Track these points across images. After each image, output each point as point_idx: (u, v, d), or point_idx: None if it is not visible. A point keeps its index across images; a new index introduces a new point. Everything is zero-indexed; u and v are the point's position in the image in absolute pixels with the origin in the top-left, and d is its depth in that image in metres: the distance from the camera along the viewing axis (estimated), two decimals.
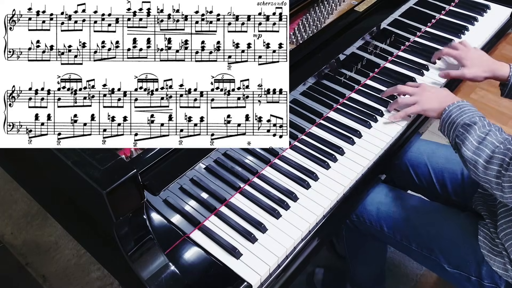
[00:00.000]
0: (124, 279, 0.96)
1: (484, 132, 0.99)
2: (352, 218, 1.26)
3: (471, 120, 1.02)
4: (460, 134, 1.02)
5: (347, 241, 1.41)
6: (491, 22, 1.56)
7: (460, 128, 1.03)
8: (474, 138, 0.99)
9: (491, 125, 1.01)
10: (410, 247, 1.18)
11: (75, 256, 1.75)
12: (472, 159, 0.97)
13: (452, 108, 1.08)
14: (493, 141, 0.96)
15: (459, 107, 1.07)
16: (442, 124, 1.09)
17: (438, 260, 1.13)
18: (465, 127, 1.02)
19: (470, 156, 0.98)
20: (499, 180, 0.93)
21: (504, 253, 1.02)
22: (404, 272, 1.74)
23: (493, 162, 0.94)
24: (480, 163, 0.96)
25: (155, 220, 0.89)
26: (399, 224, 1.18)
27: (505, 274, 1.02)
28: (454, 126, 1.05)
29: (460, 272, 1.10)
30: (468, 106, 1.07)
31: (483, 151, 0.96)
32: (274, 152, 1.11)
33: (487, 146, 0.96)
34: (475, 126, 1.00)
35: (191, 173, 1.00)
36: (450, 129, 1.06)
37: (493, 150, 0.95)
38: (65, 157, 0.80)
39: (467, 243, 1.09)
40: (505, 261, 1.02)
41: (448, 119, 1.07)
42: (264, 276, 0.91)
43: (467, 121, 1.02)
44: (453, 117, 1.06)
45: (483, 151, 0.96)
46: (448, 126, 1.07)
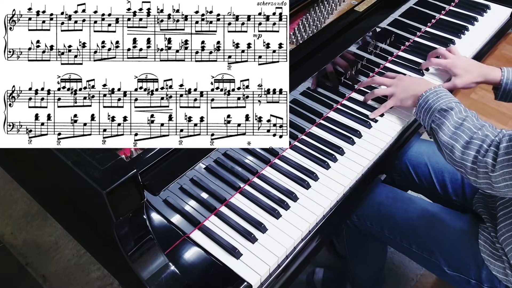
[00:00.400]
0: (124, 279, 0.96)
1: (461, 118, 1.00)
2: (353, 218, 1.26)
3: (448, 106, 1.04)
4: (436, 119, 1.04)
5: (347, 241, 1.40)
6: (491, 22, 1.56)
7: (437, 113, 1.04)
8: (451, 123, 1.00)
9: (467, 111, 1.03)
10: (411, 248, 1.17)
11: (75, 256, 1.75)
12: (448, 143, 0.99)
13: (428, 94, 1.09)
14: (470, 127, 0.98)
15: (436, 92, 1.09)
16: (418, 109, 1.11)
17: (438, 262, 1.13)
18: (442, 112, 1.03)
19: (447, 141, 0.99)
20: (475, 165, 0.94)
21: (504, 258, 1.01)
22: (404, 272, 1.74)
23: (470, 147, 0.95)
24: (457, 148, 0.97)
25: (155, 220, 0.89)
26: (400, 226, 1.18)
27: (505, 279, 1.02)
28: (431, 112, 1.06)
29: (460, 275, 1.10)
30: (444, 92, 1.08)
31: (460, 136, 0.98)
32: (274, 152, 1.11)
33: (465, 132, 0.98)
34: (451, 112, 1.02)
35: (191, 173, 1.00)
36: (426, 114, 1.07)
37: (470, 136, 0.97)
38: (65, 157, 0.80)
39: (467, 247, 1.09)
40: (505, 266, 1.01)
41: (425, 105, 1.08)
42: (264, 276, 0.91)
43: (443, 107, 1.04)
44: (430, 102, 1.07)
45: (461, 136, 0.98)
46: (425, 111, 1.08)
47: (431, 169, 1.29)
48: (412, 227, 1.16)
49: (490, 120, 2.39)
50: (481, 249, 1.06)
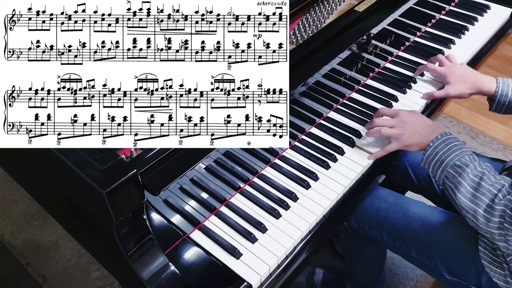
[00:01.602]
0: (124, 279, 0.96)
1: (477, 176, 0.94)
2: (352, 223, 1.25)
3: (462, 161, 0.97)
4: (450, 176, 0.97)
5: (346, 245, 1.40)
6: (491, 22, 1.56)
7: (450, 169, 0.97)
8: (468, 183, 0.94)
9: (481, 165, 0.96)
10: (410, 254, 1.17)
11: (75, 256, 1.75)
12: (470, 208, 0.94)
13: (437, 145, 1.01)
14: (489, 188, 0.92)
15: (445, 143, 1.01)
16: (427, 161, 1.03)
17: (437, 267, 1.13)
18: (456, 169, 0.97)
19: (468, 205, 0.94)
20: (502, 231, 0.90)
21: (505, 265, 1.01)
22: (404, 272, 1.74)
23: (494, 214, 0.90)
24: (480, 213, 0.92)
25: (155, 220, 0.89)
26: (399, 231, 1.17)
27: (506, 286, 1.01)
28: (443, 166, 0.99)
29: (460, 280, 1.10)
30: (454, 141, 1.01)
31: (480, 199, 0.92)
32: (274, 152, 1.11)
33: (485, 194, 0.92)
34: (467, 169, 0.95)
35: (191, 173, 1.00)
36: (438, 168, 1.00)
37: (491, 198, 0.91)
38: (65, 157, 0.80)
39: (467, 253, 1.08)
40: (506, 273, 1.00)
41: (434, 157, 1.01)
42: (264, 276, 0.91)
43: (457, 162, 0.97)
44: (440, 155, 1.00)
45: (481, 200, 0.92)
46: (435, 165, 1.01)
47: None
48: (412, 232, 1.16)
49: (490, 120, 2.40)
50: (481, 255, 1.05)
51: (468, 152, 0.99)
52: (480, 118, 2.41)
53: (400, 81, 1.34)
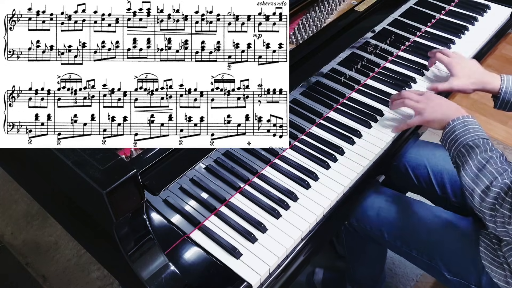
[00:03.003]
0: (124, 279, 0.96)
1: (485, 158, 0.96)
2: (352, 222, 1.25)
3: (474, 142, 0.99)
4: (461, 154, 1.00)
5: (347, 244, 1.40)
6: (491, 22, 1.56)
7: (462, 148, 1.00)
8: (474, 163, 0.96)
9: (493, 150, 0.98)
10: (410, 253, 1.17)
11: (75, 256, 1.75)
12: (469, 186, 0.95)
13: (456, 124, 1.04)
14: (492, 171, 0.93)
15: (464, 123, 1.03)
16: (444, 138, 1.06)
17: (438, 267, 1.13)
18: (467, 148, 0.99)
19: (468, 184, 0.96)
20: (493, 212, 0.91)
21: (505, 266, 1.01)
22: (404, 271, 1.74)
23: (489, 194, 0.92)
24: (477, 193, 0.94)
25: (155, 220, 0.89)
26: (399, 230, 1.17)
27: (506, 286, 1.01)
28: (457, 144, 1.01)
29: (460, 280, 1.10)
30: (473, 124, 1.03)
31: (481, 180, 0.94)
32: (274, 152, 1.11)
33: (486, 176, 0.93)
34: (476, 150, 0.97)
35: (191, 173, 1.00)
36: (452, 145, 1.03)
37: (491, 181, 0.92)
38: (65, 157, 0.80)
39: (467, 252, 1.08)
40: (506, 274, 1.01)
41: (451, 135, 1.03)
42: (264, 276, 0.91)
43: (470, 142, 0.99)
44: (456, 134, 1.02)
45: (482, 181, 0.94)
46: (451, 142, 1.03)
47: (430, 170, 1.29)
48: (412, 231, 1.16)
49: (490, 120, 2.40)
50: (482, 256, 1.05)
51: (483, 136, 1.01)
52: (480, 118, 2.41)
53: (400, 81, 1.34)
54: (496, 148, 0.99)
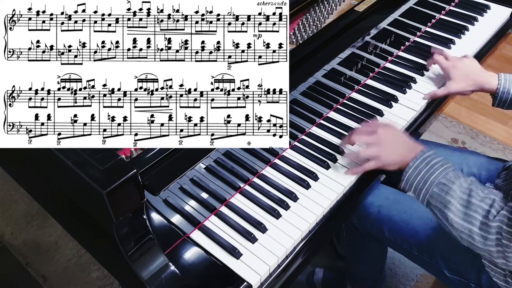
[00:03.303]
0: (124, 279, 0.96)
1: (465, 193, 0.91)
2: (353, 220, 1.25)
3: (447, 179, 0.93)
4: (436, 196, 0.94)
5: (347, 242, 1.40)
6: (491, 22, 1.56)
7: (435, 188, 0.94)
8: (457, 201, 0.91)
9: (467, 179, 0.94)
10: (411, 251, 1.17)
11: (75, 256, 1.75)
12: (464, 227, 0.91)
13: (418, 164, 0.97)
14: (480, 204, 0.89)
15: (426, 161, 0.97)
16: (407, 183, 0.99)
17: (438, 265, 1.13)
18: (441, 187, 0.93)
19: (462, 225, 0.91)
20: (500, 248, 0.88)
21: None
22: (404, 271, 1.74)
23: (490, 231, 0.88)
24: (475, 232, 0.89)
25: (155, 220, 0.89)
26: (400, 228, 1.17)
27: (506, 286, 1.01)
28: (427, 185, 0.95)
29: (460, 278, 1.10)
30: (435, 158, 0.97)
31: (474, 218, 0.89)
32: (274, 152, 1.11)
33: (477, 212, 0.89)
34: (453, 187, 0.92)
35: (191, 173, 1.00)
36: (422, 188, 0.96)
37: (484, 215, 0.88)
38: (65, 157, 0.80)
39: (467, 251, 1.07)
40: (506, 273, 1.00)
41: (417, 177, 0.97)
42: (264, 276, 0.91)
43: (442, 180, 0.94)
44: (423, 174, 0.96)
45: (474, 218, 0.89)
46: (418, 184, 0.97)
47: None
48: (413, 229, 1.16)
49: (490, 120, 2.40)
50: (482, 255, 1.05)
51: (451, 168, 0.96)
52: (480, 118, 2.41)
53: (400, 81, 1.34)
54: (463, 174, 0.95)
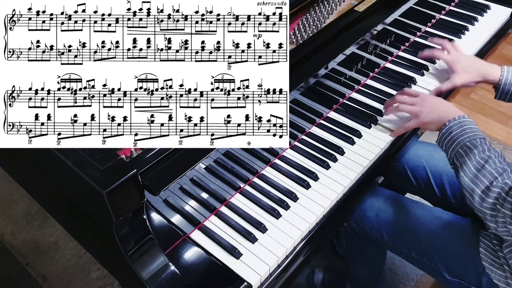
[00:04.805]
0: (124, 279, 0.96)
1: (483, 158, 0.95)
2: (352, 224, 1.25)
3: (472, 143, 0.98)
4: (459, 155, 0.99)
5: (346, 245, 1.40)
6: (491, 22, 1.56)
7: (460, 149, 0.99)
8: (473, 163, 0.95)
9: (491, 149, 0.97)
10: (410, 254, 1.17)
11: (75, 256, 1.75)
12: (469, 187, 0.94)
13: (452, 124, 1.03)
14: (491, 171, 0.93)
15: (460, 124, 1.02)
16: (441, 139, 1.05)
17: (438, 268, 1.13)
18: (465, 148, 0.98)
19: (468, 184, 0.95)
20: (494, 212, 0.91)
21: (506, 267, 1.01)
22: (404, 271, 1.74)
23: (489, 195, 0.91)
24: (477, 193, 0.93)
25: (155, 220, 0.89)
26: (399, 232, 1.17)
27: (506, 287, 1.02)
28: (454, 145, 1.01)
29: (460, 281, 1.10)
30: (470, 124, 1.02)
31: (481, 180, 0.93)
32: (274, 152, 1.11)
33: (486, 176, 0.93)
34: (475, 150, 0.96)
35: (191, 173, 1.00)
36: (449, 146, 1.02)
37: (491, 181, 0.92)
38: (65, 157, 0.80)
39: (467, 253, 1.08)
40: (507, 275, 1.00)
41: (448, 136, 1.03)
42: (264, 276, 0.91)
43: (467, 143, 0.98)
44: (453, 135, 1.02)
45: (481, 181, 0.93)
46: (447, 143, 1.03)
47: (429, 172, 1.28)
48: (412, 233, 1.16)
49: (490, 120, 2.40)
50: (482, 257, 1.05)
51: (480, 136, 1.00)
52: (480, 118, 2.41)
53: (400, 81, 1.34)
54: (494, 148, 0.98)
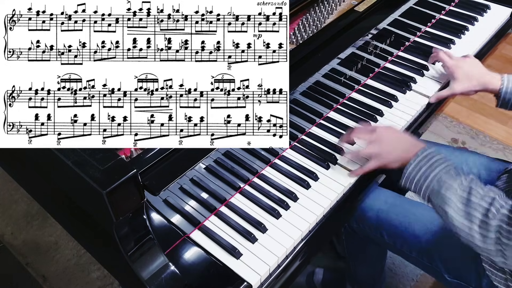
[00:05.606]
0: (124, 279, 0.96)
1: (465, 191, 0.90)
2: (352, 224, 1.25)
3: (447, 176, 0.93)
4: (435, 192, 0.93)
5: (347, 245, 1.40)
6: (491, 22, 1.56)
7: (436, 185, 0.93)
8: (457, 199, 0.90)
9: (467, 178, 0.92)
10: (410, 255, 1.17)
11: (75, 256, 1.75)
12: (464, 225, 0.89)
13: (419, 160, 0.96)
14: (479, 203, 0.88)
15: (427, 158, 0.96)
16: (408, 180, 0.98)
17: (438, 269, 1.13)
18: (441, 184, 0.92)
19: (461, 222, 0.90)
20: (500, 247, 0.87)
21: (506, 269, 1.00)
22: (404, 271, 1.74)
23: (489, 230, 0.86)
24: (475, 230, 0.88)
25: (155, 220, 0.89)
26: (399, 232, 1.17)
27: None
28: (427, 182, 0.94)
29: (460, 282, 1.10)
30: (436, 155, 0.96)
31: (473, 216, 0.88)
32: (274, 152, 1.11)
33: (476, 210, 0.88)
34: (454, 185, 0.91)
35: (191, 173, 1.00)
36: (422, 184, 0.95)
37: (484, 214, 0.87)
38: (65, 157, 0.80)
39: (467, 254, 1.07)
40: (507, 277, 1.00)
41: (417, 174, 0.96)
42: (264, 276, 0.91)
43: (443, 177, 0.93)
44: (424, 171, 0.95)
45: (474, 217, 0.88)
46: (418, 181, 0.96)
47: None
48: (412, 233, 1.15)
49: (490, 120, 2.40)
50: (482, 258, 1.05)
51: (452, 165, 0.95)
52: (480, 118, 2.41)
53: (400, 81, 1.34)
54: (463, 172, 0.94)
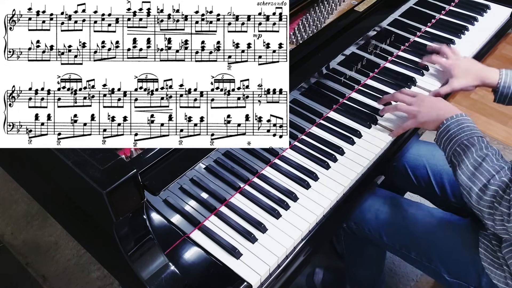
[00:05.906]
0: (124, 279, 0.96)
1: (481, 156, 0.95)
2: (351, 225, 1.25)
3: (469, 141, 0.99)
4: (457, 154, 1.00)
5: (346, 246, 1.40)
6: (491, 22, 1.56)
7: (457, 147, 1.00)
8: (470, 162, 0.96)
9: (489, 147, 0.97)
10: (409, 255, 1.17)
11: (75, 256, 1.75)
12: (467, 185, 0.95)
13: (450, 123, 1.04)
14: (489, 169, 0.93)
15: (458, 122, 1.03)
16: (439, 138, 1.06)
17: (437, 269, 1.13)
18: (463, 147, 0.99)
19: (465, 182, 0.95)
20: (491, 210, 0.91)
21: (505, 267, 1.01)
22: (404, 271, 1.74)
23: (487, 193, 0.91)
24: (475, 191, 0.93)
25: (155, 220, 0.89)
26: (398, 233, 1.17)
27: None
28: (452, 144, 1.01)
29: (460, 282, 1.10)
30: (467, 122, 1.03)
31: (478, 178, 0.93)
32: (274, 152, 1.11)
33: (483, 174, 0.93)
34: (472, 148, 0.97)
35: (191, 173, 1.00)
36: (447, 145, 1.02)
37: (488, 179, 0.92)
38: (65, 157, 0.80)
39: (467, 254, 1.08)
40: (506, 275, 1.01)
41: (446, 134, 1.03)
42: (264, 276, 0.91)
43: (465, 141, 0.99)
44: (451, 133, 1.02)
45: (478, 179, 0.93)
46: (445, 141, 1.03)
47: (430, 171, 1.29)
48: (411, 234, 1.16)
49: (490, 120, 2.40)
50: (481, 257, 1.05)
51: (478, 134, 1.01)
52: (480, 118, 2.41)
53: (400, 81, 1.34)
54: (492, 146, 0.99)
